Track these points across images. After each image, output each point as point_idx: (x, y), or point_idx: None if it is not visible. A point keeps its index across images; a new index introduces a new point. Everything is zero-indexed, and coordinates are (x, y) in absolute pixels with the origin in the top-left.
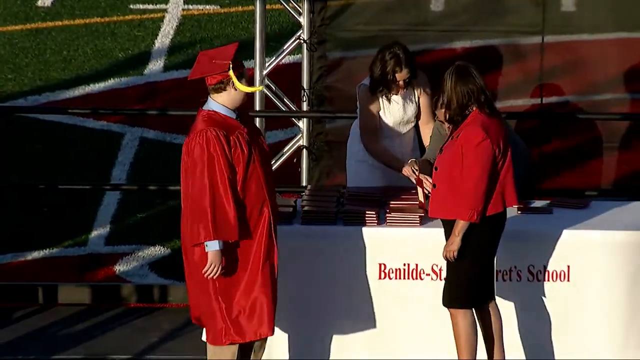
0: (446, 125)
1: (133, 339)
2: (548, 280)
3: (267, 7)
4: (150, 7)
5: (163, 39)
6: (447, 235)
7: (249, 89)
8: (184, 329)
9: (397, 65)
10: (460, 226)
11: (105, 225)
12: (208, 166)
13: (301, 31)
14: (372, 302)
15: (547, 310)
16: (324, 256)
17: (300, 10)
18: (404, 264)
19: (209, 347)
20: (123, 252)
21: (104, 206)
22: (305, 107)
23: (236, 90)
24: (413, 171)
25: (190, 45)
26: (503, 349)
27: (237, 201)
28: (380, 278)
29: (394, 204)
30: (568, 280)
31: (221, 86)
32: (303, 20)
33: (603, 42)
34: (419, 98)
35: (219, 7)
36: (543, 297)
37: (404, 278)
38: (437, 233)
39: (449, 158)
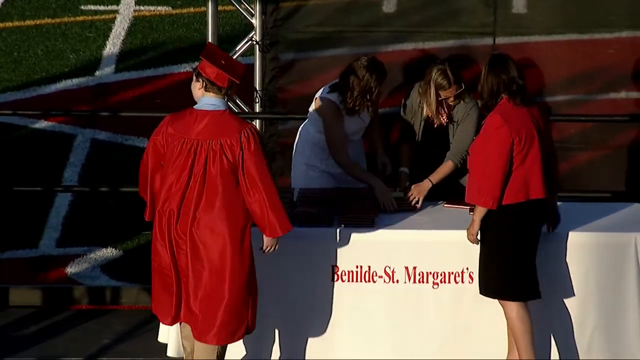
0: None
1: (85, 341)
2: None
3: (219, 8)
4: (102, 8)
5: (114, 40)
6: (483, 222)
7: None
8: (136, 331)
9: (382, 77)
10: (478, 211)
11: (56, 227)
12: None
13: (253, 32)
14: (324, 305)
15: (498, 312)
16: (277, 258)
17: (253, 12)
18: (357, 266)
19: (214, 347)
20: (75, 254)
21: (56, 208)
22: (257, 108)
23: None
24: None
25: (142, 47)
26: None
27: None
28: (333, 280)
29: (346, 205)
30: None
31: (222, 89)
32: (255, 21)
33: (554, 43)
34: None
35: (170, 8)
36: (495, 299)
37: (357, 280)
38: (389, 234)
39: (475, 144)
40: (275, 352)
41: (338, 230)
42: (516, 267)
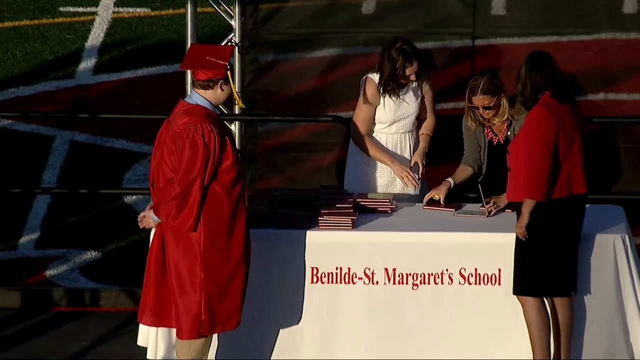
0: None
1: (64, 343)
2: (479, 283)
3: (198, 10)
4: (81, 9)
5: (93, 41)
6: (518, 217)
7: (238, 99)
8: (115, 332)
9: (407, 60)
10: (527, 204)
11: (35, 229)
12: (204, 158)
13: (233, 34)
14: (304, 306)
15: (478, 313)
16: (257, 259)
17: (232, 13)
18: (336, 268)
19: (180, 342)
20: (54, 256)
21: (34, 210)
22: (237, 110)
23: (223, 90)
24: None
25: (121, 48)
26: (569, 348)
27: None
28: (312, 282)
29: (326, 207)
30: (499, 284)
31: (210, 84)
32: (235, 23)
33: (533, 45)
34: (422, 93)
35: (149, 10)
36: (474, 300)
37: (337, 282)
38: (369, 236)
39: (518, 140)
40: (254, 352)
41: (317, 231)
42: (548, 263)
